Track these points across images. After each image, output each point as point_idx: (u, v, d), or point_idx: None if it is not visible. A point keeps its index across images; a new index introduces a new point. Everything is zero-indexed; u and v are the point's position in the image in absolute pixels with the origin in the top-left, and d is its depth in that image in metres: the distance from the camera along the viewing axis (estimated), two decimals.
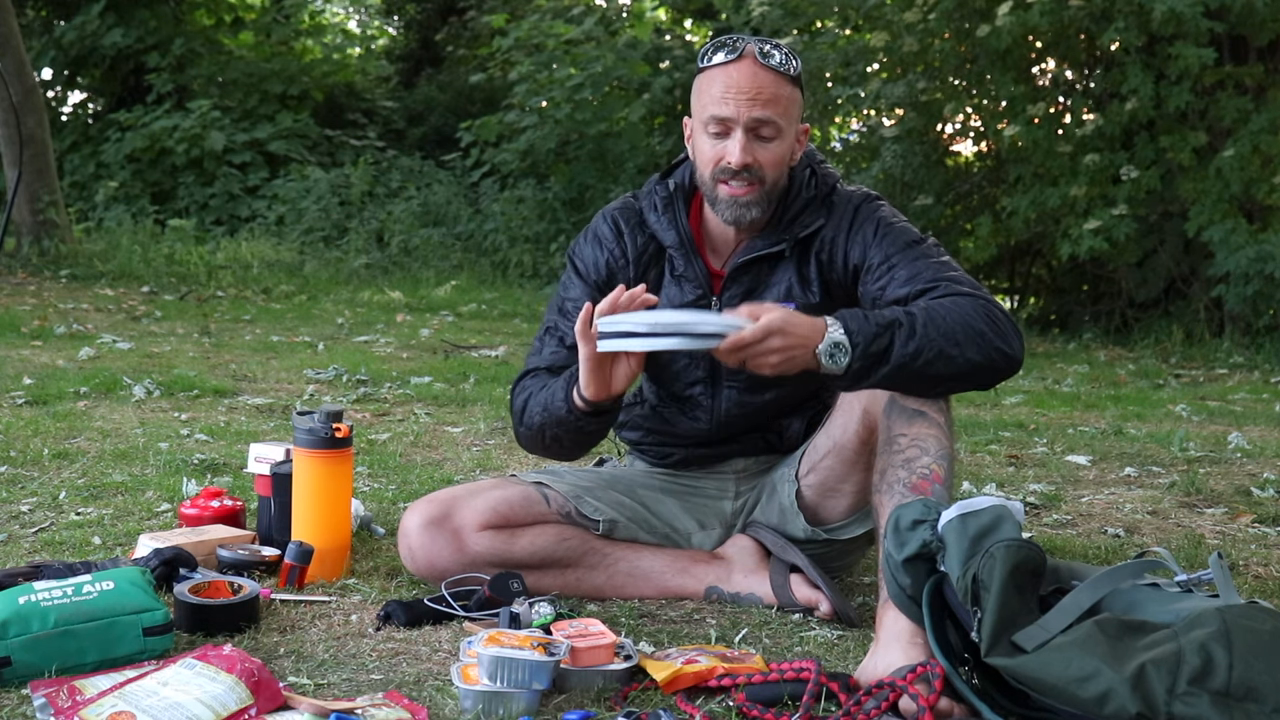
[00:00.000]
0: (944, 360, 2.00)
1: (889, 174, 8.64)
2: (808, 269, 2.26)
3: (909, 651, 1.86)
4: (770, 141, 2.17)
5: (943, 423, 2.07)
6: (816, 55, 9.10)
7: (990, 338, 2.03)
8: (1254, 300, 7.31)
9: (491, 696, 1.78)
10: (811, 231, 2.25)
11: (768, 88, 2.14)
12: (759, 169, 2.18)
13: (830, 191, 2.29)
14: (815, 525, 2.33)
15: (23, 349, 5.70)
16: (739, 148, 2.15)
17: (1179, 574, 1.84)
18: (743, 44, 2.17)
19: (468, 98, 13.87)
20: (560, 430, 2.24)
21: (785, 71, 2.16)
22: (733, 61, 2.16)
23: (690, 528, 2.44)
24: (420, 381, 5.04)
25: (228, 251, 10.79)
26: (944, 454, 2.04)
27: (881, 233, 2.21)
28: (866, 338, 1.98)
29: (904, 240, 2.20)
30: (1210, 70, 7.49)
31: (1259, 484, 3.53)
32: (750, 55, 2.15)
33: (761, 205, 2.21)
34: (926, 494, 1.99)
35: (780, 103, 2.15)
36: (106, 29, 13.36)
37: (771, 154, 2.18)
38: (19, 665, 1.86)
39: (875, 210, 2.25)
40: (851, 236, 2.23)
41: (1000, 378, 2.08)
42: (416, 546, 2.30)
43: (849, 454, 2.25)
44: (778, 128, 2.16)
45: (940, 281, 2.10)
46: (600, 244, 2.35)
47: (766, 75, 2.14)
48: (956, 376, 2.03)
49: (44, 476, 3.22)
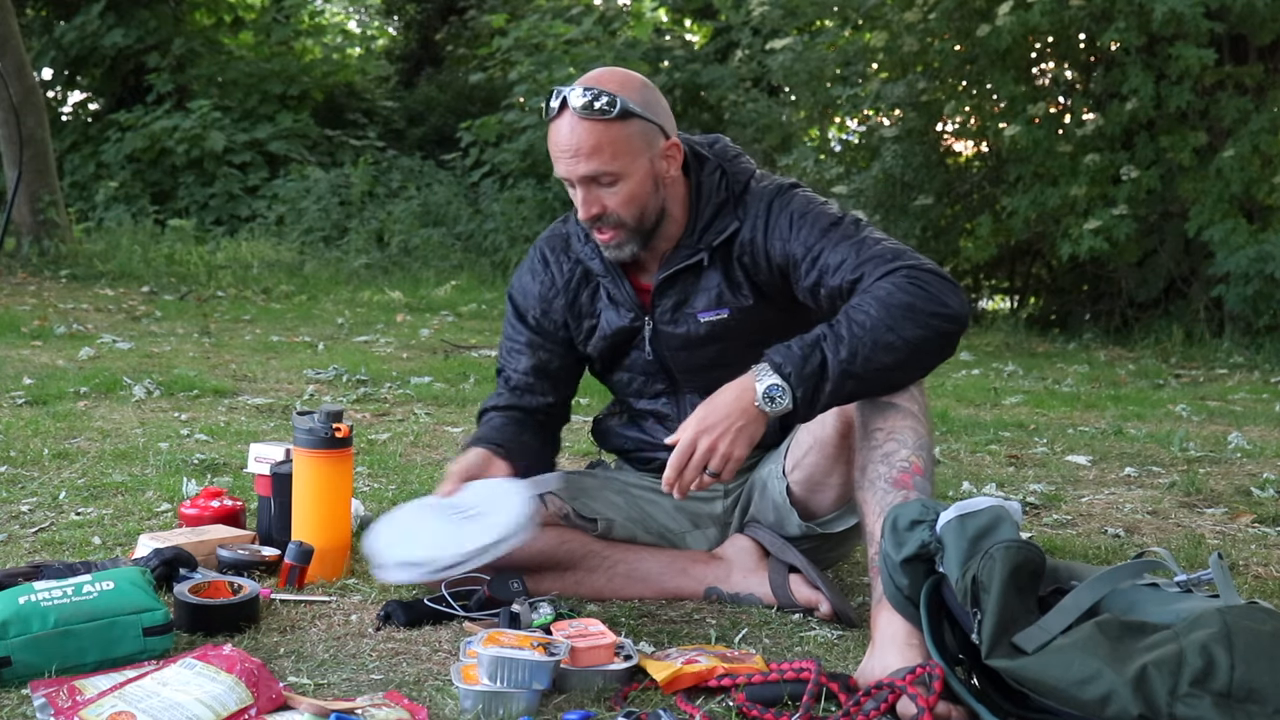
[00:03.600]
0: (884, 349, 1.98)
1: (889, 174, 8.64)
2: (734, 272, 2.24)
3: (905, 653, 1.86)
4: (612, 186, 2.15)
5: (916, 411, 2.05)
6: (816, 55, 9.10)
7: (921, 307, 1.99)
8: (1254, 300, 7.31)
9: (491, 696, 1.78)
10: (727, 236, 2.23)
11: (587, 140, 2.11)
12: (610, 215, 2.17)
13: (744, 190, 2.25)
14: (807, 519, 2.34)
15: (23, 349, 5.70)
16: (581, 203, 2.17)
17: (1179, 574, 1.83)
18: (560, 97, 2.13)
19: (468, 98, 13.87)
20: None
21: (608, 114, 2.11)
22: (555, 119, 2.15)
23: (684, 527, 2.45)
24: (420, 381, 5.04)
25: (228, 251, 10.80)
26: (921, 444, 2.03)
27: (797, 225, 2.17)
28: (796, 364, 1.98)
29: (821, 227, 2.15)
30: (1210, 70, 7.49)
31: (1259, 484, 3.53)
32: (568, 109, 2.12)
33: (633, 243, 2.21)
34: (908, 487, 1.99)
35: (605, 150, 2.12)
36: (106, 29, 13.36)
37: (618, 197, 2.16)
38: (19, 665, 1.86)
39: (788, 202, 2.21)
40: (769, 234, 2.20)
41: (951, 340, 2.04)
42: None
43: (830, 449, 2.25)
44: (613, 174, 2.14)
45: (865, 264, 2.07)
46: (532, 275, 2.39)
47: (585, 126, 2.11)
48: (908, 359, 2.01)
49: (44, 476, 3.22)
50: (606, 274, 2.31)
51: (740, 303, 2.24)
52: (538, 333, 2.37)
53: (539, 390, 2.38)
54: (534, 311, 2.37)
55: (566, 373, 2.41)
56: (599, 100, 2.11)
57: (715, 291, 2.25)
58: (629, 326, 2.31)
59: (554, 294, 2.35)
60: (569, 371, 2.42)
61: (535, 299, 2.37)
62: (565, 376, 2.41)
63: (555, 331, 2.37)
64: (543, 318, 2.36)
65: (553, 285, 2.35)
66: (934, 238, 8.75)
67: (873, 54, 8.86)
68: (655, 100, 2.20)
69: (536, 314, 2.36)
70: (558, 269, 2.35)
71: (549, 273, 2.36)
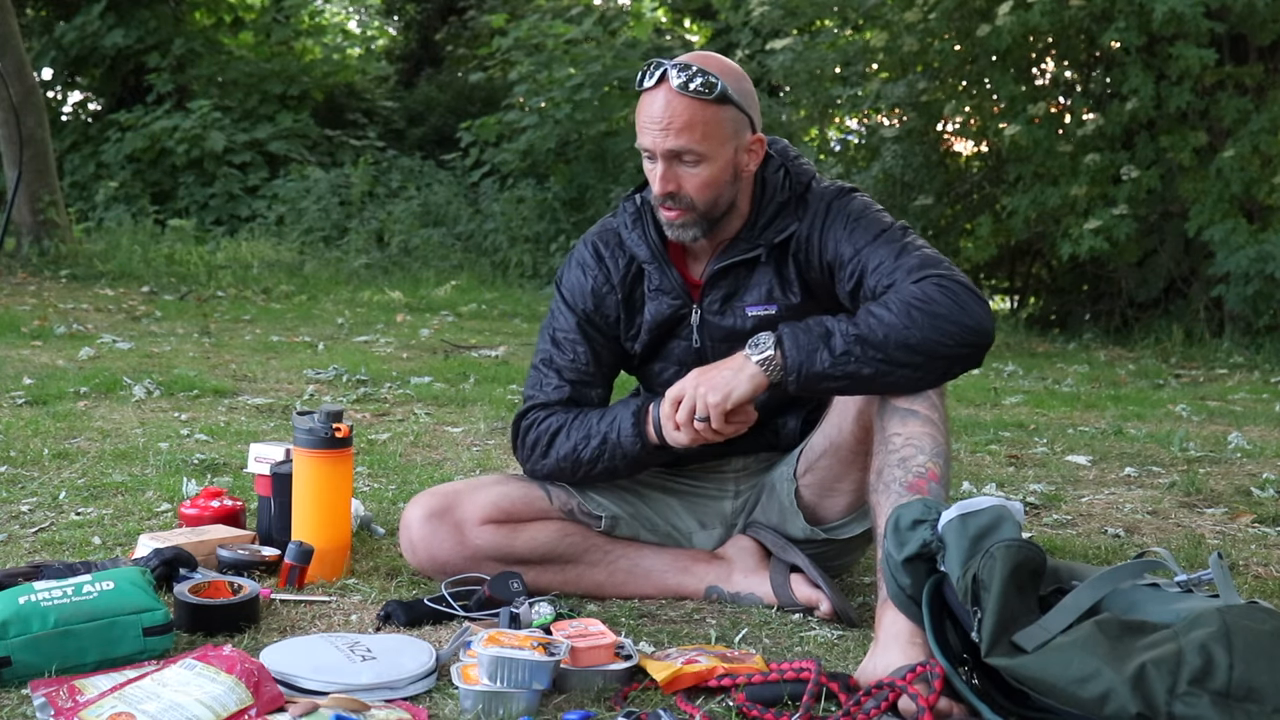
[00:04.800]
0: (898, 346, 2.00)
1: (889, 174, 8.64)
2: (787, 270, 2.25)
3: (908, 651, 1.86)
4: (694, 167, 2.15)
5: (937, 420, 2.06)
6: (817, 55, 9.10)
7: (944, 314, 2.00)
8: (1254, 300, 7.31)
9: (491, 696, 1.78)
10: (787, 235, 2.24)
11: (681, 115, 2.11)
12: (684, 195, 2.17)
13: (805, 190, 2.27)
14: (814, 524, 2.34)
15: (23, 349, 5.70)
16: (659, 177, 2.16)
17: (1179, 574, 1.83)
18: (659, 70, 2.14)
19: (468, 98, 13.87)
20: (619, 462, 2.27)
21: (705, 95, 2.11)
22: (650, 89, 2.15)
23: (691, 527, 2.45)
24: (420, 381, 5.04)
25: (228, 251, 10.80)
26: (939, 451, 2.04)
27: (850, 227, 2.19)
28: (797, 327, 2.05)
29: (872, 233, 2.17)
30: (1210, 70, 7.49)
31: (1259, 484, 3.53)
32: (666, 83, 2.13)
33: (699, 227, 2.21)
34: (924, 492, 1.99)
35: (697, 129, 2.12)
36: (106, 29, 13.36)
37: (697, 179, 2.16)
38: (19, 665, 1.86)
39: (846, 205, 2.23)
40: (825, 234, 2.21)
41: (971, 352, 2.04)
42: (418, 539, 2.30)
43: (845, 453, 2.25)
44: (698, 154, 2.14)
45: (898, 270, 2.09)
46: (584, 270, 2.35)
47: (681, 102, 2.11)
48: (924, 362, 2.01)
49: (44, 476, 3.22)
50: (653, 261, 2.29)
51: (789, 300, 2.25)
52: (590, 324, 2.34)
53: (594, 381, 2.36)
54: (585, 305, 2.34)
55: (613, 368, 2.41)
56: (700, 78, 2.11)
57: (766, 287, 2.26)
58: (675, 315, 2.30)
59: (607, 289, 2.33)
60: (615, 367, 2.41)
61: (587, 294, 2.34)
62: (612, 372, 2.41)
63: (606, 327, 2.35)
64: (594, 312, 2.33)
65: (607, 280, 2.34)
66: (934, 238, 8.74)
67: (873, 54, 8.86)
68: (750, 92, 2.21)
69: (589, 307, 2.34)
70: (612, 264, 2.33)
71: (603, 268, 2.34)
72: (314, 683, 1.83)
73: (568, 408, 2.32)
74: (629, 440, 2.23)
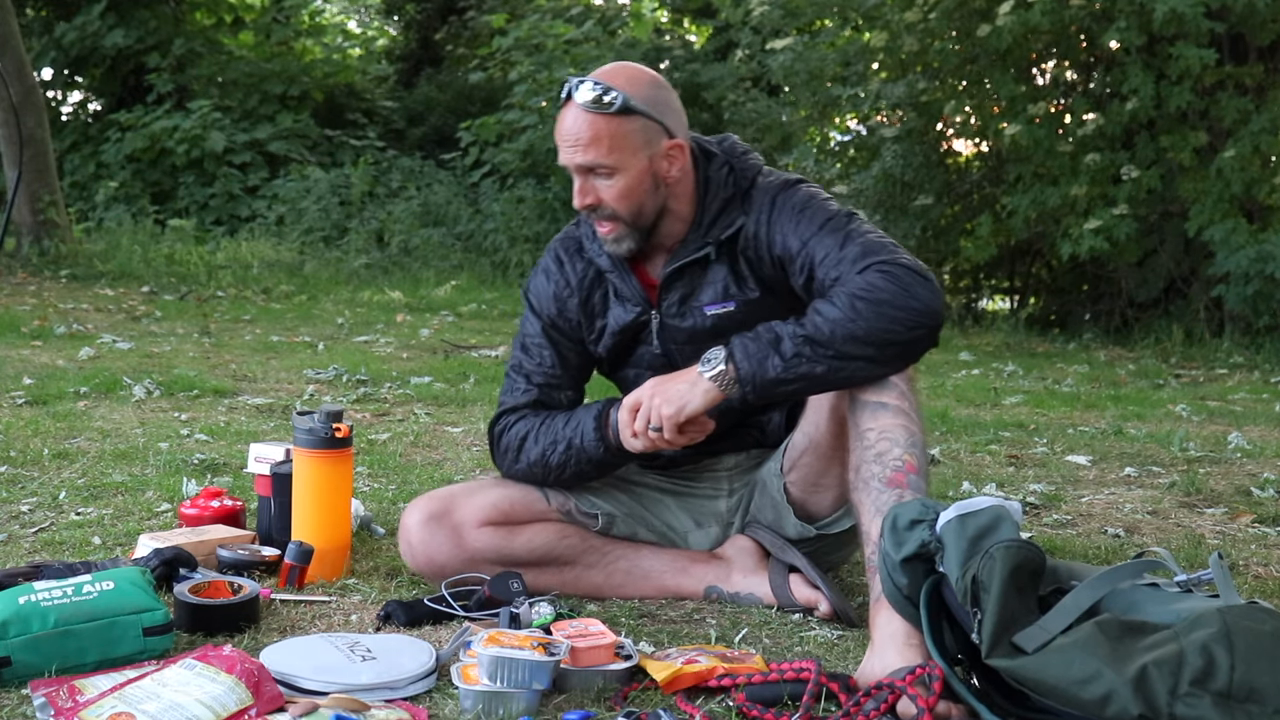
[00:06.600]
0: (848, 341, 2.00)
1: (889, 174, 8.63)
2: (740, 266, 2.26)
3: (904, 653, 1.87)
4: (608, 179, 2.18)
5: (907, 408, 2.06)
6: (816, 55, 9.10)
7: (890, 301, 2.00)
8: (1254, 300, 7.31)
9: (491, 696, 1.78)
10: (733, 231, 2.24)
11: (586, 131, 2.15)
12: (605, 207, 2.20)
13: (750, 185, 2.26)
14: (806, 520, 2.34)
15: (23, 349, 5.70)
16: (576, 192, 2.20)
17: (1179, 574, 1.83)
18: (568, 88, 2.18)
19: (468, 98, 13.86)
20: (585, 466, 2.30)
21: (608, 110, 2.14)
22: (561, 108, 2.20)
23: (687, 526, 2.45)
24: (420, 381, 5.04)
25: (228, 251, 10.79)
26: (914, 441, 2.04)
27: (796, 220, 2.19)
28: (745, 338, 2.06)
29: (817, 223, 2.17)
30: (1211, 70, 7.49)
31: (1259, 484, 3.53)
32: (573, 101, 2.16)
33: (631, 239, 2.23)
34: (903, 485, 2.00)
35: (603, 143, 2.15)
36: (107, 29, 13.36)
37: (613, 191, 2.18)
38: (19, 665, 1.86)
39: (791, 197, 2.22)
40: (771, 229, 2.21)
41: (922, 335, 2.03)
42: (416, 542, 2.30)
43: (825, 450, 2.26)
44: (608, 167, 2.16)
45: (844, 262, 2.08)
46: (547, 276, 2.39)
47: (586, 118, 2.15)
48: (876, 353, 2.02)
49: (44, 476, 3.22)
50: (614, 270, 2.32)
51: (746, 295, 2.25)
52: (555, 329, 2.37)
53: (562, 383, 2.38)
54: (549, 311, 2.37)
55: (581, 371, 2.42)
56: (602, 93, 2.14)
57: (721, 285, 2.26)
58: (636, 321, 2.32)
59: (568, 294, 2.36)
60: (583, 370, 2.43)
61: (550, 299, 2.37)
62: (580, 375, 2.42)
63: (570, 330, 2.37)
64: (558, 317, 2.37)
65: (567, 285, 2.36)
66: (934, 238, 8.75)
67: (873, 54, 8.86)
68: (664, 100, 2.21)
69: (552, 313, 2.37)
70: (571, 269, 2.36)
71: (563, 273, 2.37)
72: (314, 683, 1.83)
73: (536, 410, 2.35)
74: (592, 445, 2.25)
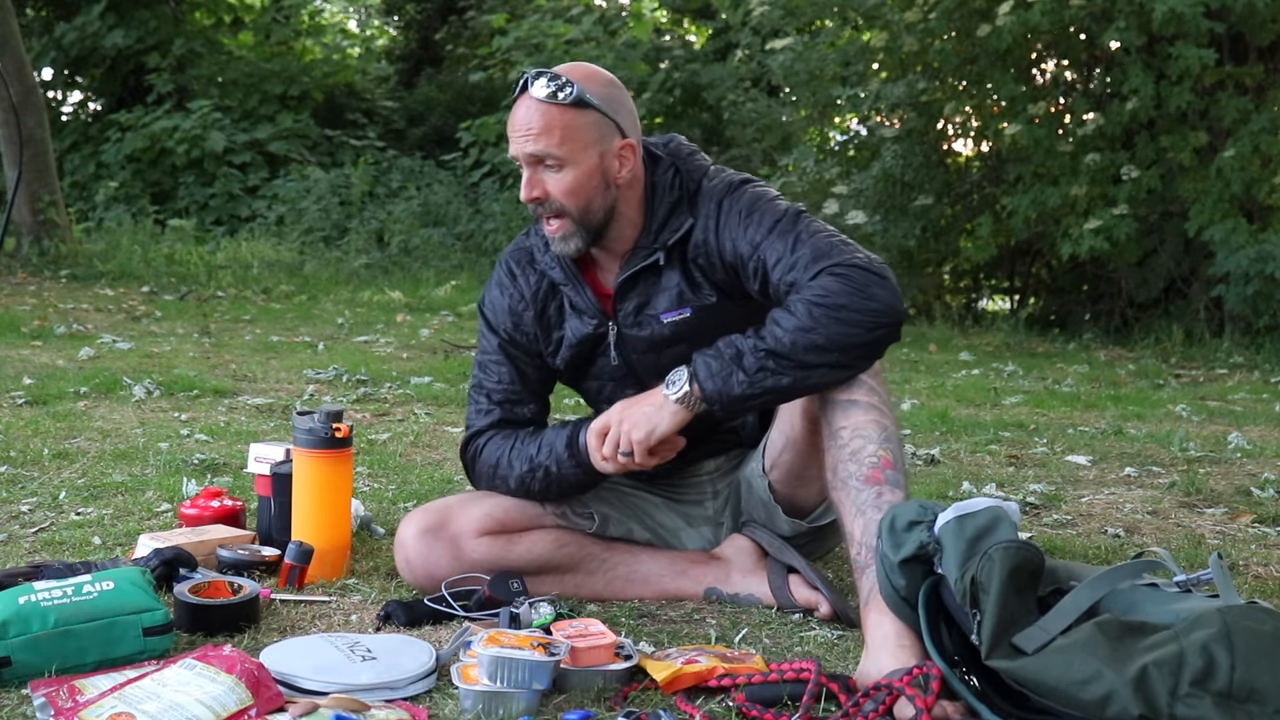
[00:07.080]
0: (808, 349, 2.00)
1: (889, 174, 8.63)
2: (693, 272, 2.23)
3: (897, 655, 1.86)
4: (557, 171, 2.16)
5: (877, 403, 2.06)
6: (817, 55, 9.10)
7: (847, 304, 1.99)
8: (1254, 300, 7.31)
9: (491, 696, 1.78)
10: (682, 235, 2.21)
11: (539, 121, 2.13)
12: (553, 201, 2.18)
13: (696, 189, 2.24)
14: (795, 516, 2.34)
15: (23, 349, 5.70)
16: (524, 183, 2.19)
17: (1178, 574, 1.83)
18: (524, 79, 2.17)
19: (468, 98, 13.87)
20: (567, 487, 2.30)
21: (562, 101, 2.12)
22: (516, 98, 2.19)
23: (678, 524, 2.46)
24: (420, 381, 5.04)
25: (228, 251, 10.80)
26: (887, 436, 2.04)
27: (744, 224, 2.16)
28: (706, 355, 2.06)
29: (765, 226, 2.14)
30: (1210, 70, 7.49)
31: (1259, 484, 3.53)
32: (527, 92, 2.15)
33: (579, 237, 2.21)
34: (881, 483, 2.00)
35: (555, 133, 2.13)
36: (107, 29, 13.36)
37: (561, 184, 2.16)
38: (19, 665, 1.86)
39: (738, 200, 2.19)
40: (720, 234, 2.19)
41: (882, 335, 2.03)
42: (414, 555, 2.29)
43: (803, 446, 2.26)
44: (558, 159, 2.15)
45: (796, 267, 2.07)
46: (501, 290, 2.36)
47: (540, 109, 2.13)
48: (838, 359, 2.01)
49: (44, 476, 3.22)
50: (568, 282, 2.29)
51: (702, 301, 2.23)
52: (512, 344, 2.35)
53: (523, 399, 2.35)
54: (505, 325, 2.34)
55: (542, 384, 2.40)
56: (558, 85, 2.13)
57: (676, 291, 2.23)
58: (593, 333, 2.29)
59: (523, 307, 2.33)
60: (544, 383, 2.40)
61: (505, 313, 2.35)
62: (541, 388, 2.40)
63: (527, 344, 2.34)
64: (514, 331, 2.34)
65: (521, 298, 2.33)
66: (934, 238, 8.75)
67: (873, 54, 8.86)
68: (618, 99, 2.20)
69: (508, 327, 2.34)
70: (524, 282, 2.34)
71: (516, 286, 2.34)
72: (314, 683, 1.83)
73: (502, 430, 2.33)
74: (570, 470, 2.25)
